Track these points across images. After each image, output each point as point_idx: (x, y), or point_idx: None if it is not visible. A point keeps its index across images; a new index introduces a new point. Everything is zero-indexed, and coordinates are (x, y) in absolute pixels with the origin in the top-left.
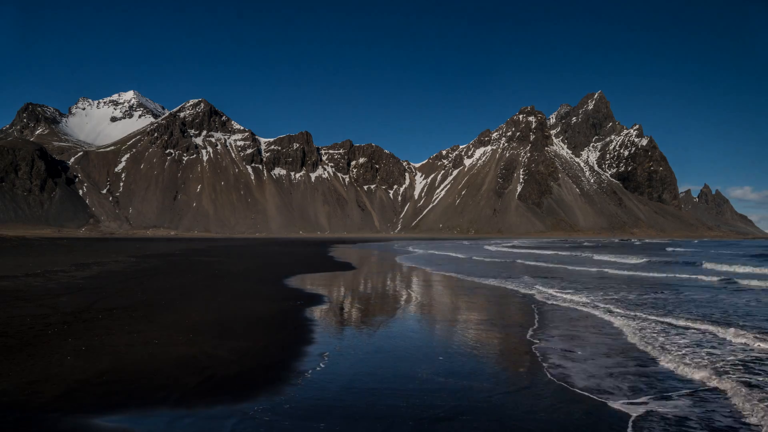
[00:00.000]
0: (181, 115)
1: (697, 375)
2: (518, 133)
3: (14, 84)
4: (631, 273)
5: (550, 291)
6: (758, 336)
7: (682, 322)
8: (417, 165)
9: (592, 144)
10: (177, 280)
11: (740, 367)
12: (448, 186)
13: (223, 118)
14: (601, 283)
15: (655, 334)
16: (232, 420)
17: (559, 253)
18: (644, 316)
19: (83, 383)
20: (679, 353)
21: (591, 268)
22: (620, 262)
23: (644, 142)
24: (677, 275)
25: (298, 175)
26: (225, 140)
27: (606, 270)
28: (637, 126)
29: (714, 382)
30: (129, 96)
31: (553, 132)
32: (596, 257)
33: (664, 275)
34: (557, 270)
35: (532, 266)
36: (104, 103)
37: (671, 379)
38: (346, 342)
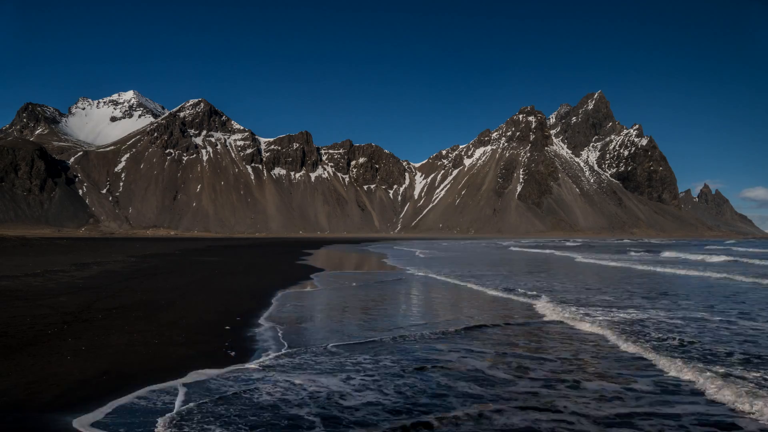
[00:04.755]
0: (181, 114)
1: None
2: (518, 133)
3: (14, 84)
4: None
5: None
6: None
7: None
8: (417, 165)
9: (592, 144)
10: (177, 280)
11: None
12: (448, 186)
13: (223, 117)
14: None
15: None
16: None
17: None
18: None
19: (83, 383)
20: None
21: None
22: None
23: (644, 142)
24: None
25: (298, 175)
26: (225, 140)
27: None
28: (637, 126)
29: None
30: (129, 96)
31: (553, 132)
32: None
33: None
34: None
35: None
36: (104, 103)
37: None
38: None
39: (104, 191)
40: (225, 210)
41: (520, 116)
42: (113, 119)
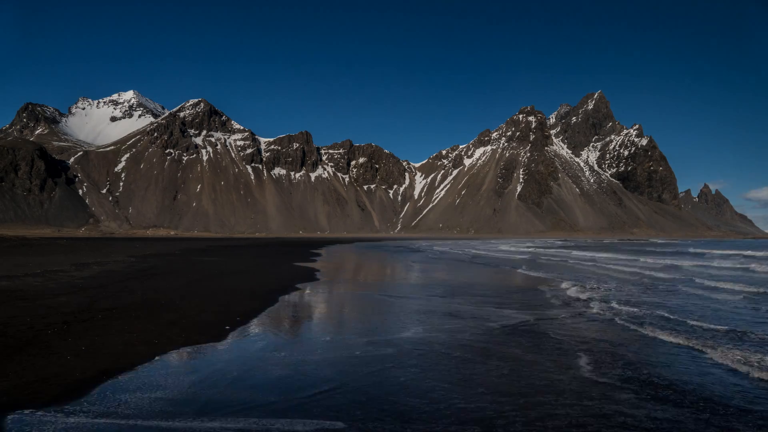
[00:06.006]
0: (181, 114)
1: None
2: (518, 133)
3: (14, 84)
4: None
5: None
6: None
7: None
8: (417, 165)
9: (592, 144)
10: (177, 280)
11: None
12: (448, 186)
13: (223, 117)
14: None
15: None
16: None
17: None
18: None
19: (83, 383)
20: None
21: None
22: None
23: (644, 142)
24: None
25: (298, 175)
26: (225, 140)
27: None
28: (637, 126)
29: None
30: (129, 96)
31: (553, 132)
32: None
33: None
34: None
35: None
36: (104, 102)
37: None
38: None
39: (104, 191)
40: (225, 210)
41: (520, 116)
42: (113, 119)
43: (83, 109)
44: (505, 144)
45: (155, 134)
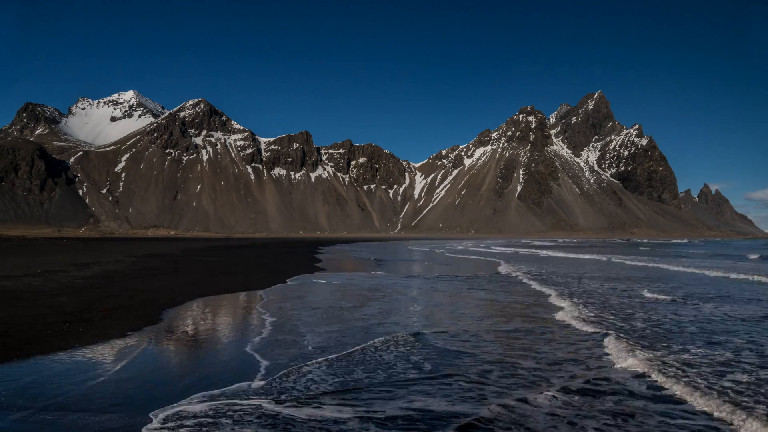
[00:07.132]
0: (181, 114)
1: None
2: (518, 133)
3: (14, 84)
4: None
5: None
6: None
7: None
8: (417, 165)
9: (592, 144)
10: (177, 280)
11: None
12: (448, 186)
13: (223, 117)
14: None
15: None
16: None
17: None
18: None
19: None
20: None
21: None
22: None
23: (644, 142)
24: None
25: (298, 175)
26: (225, 140)
27: None
28: (637, 126)
29: None
30: (129, 96)
31: (553, 132)
32: None
33: None
34: None
35: None
36: (104, 102)
37: None
38: None
39: (104, 191)
40: (225, 210)
41: (520, 116)
42: (113, 119)
43: (83, 109)
44: (505, 144)
45: (155, 134)
